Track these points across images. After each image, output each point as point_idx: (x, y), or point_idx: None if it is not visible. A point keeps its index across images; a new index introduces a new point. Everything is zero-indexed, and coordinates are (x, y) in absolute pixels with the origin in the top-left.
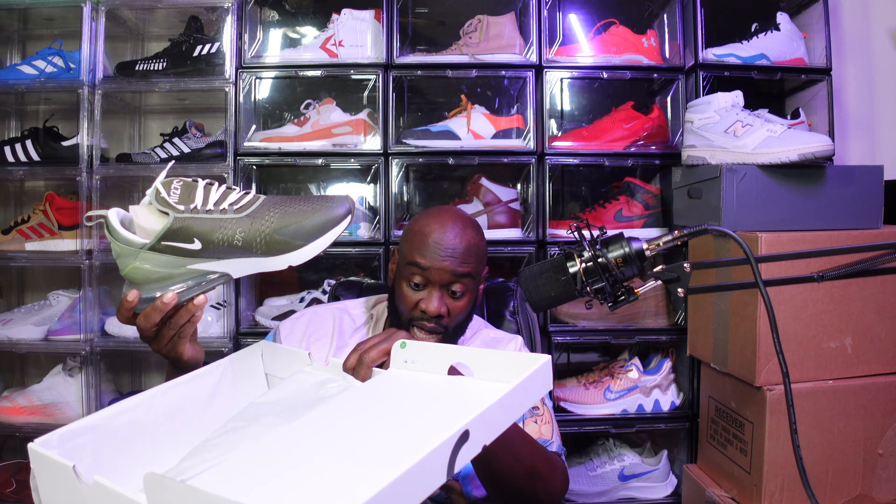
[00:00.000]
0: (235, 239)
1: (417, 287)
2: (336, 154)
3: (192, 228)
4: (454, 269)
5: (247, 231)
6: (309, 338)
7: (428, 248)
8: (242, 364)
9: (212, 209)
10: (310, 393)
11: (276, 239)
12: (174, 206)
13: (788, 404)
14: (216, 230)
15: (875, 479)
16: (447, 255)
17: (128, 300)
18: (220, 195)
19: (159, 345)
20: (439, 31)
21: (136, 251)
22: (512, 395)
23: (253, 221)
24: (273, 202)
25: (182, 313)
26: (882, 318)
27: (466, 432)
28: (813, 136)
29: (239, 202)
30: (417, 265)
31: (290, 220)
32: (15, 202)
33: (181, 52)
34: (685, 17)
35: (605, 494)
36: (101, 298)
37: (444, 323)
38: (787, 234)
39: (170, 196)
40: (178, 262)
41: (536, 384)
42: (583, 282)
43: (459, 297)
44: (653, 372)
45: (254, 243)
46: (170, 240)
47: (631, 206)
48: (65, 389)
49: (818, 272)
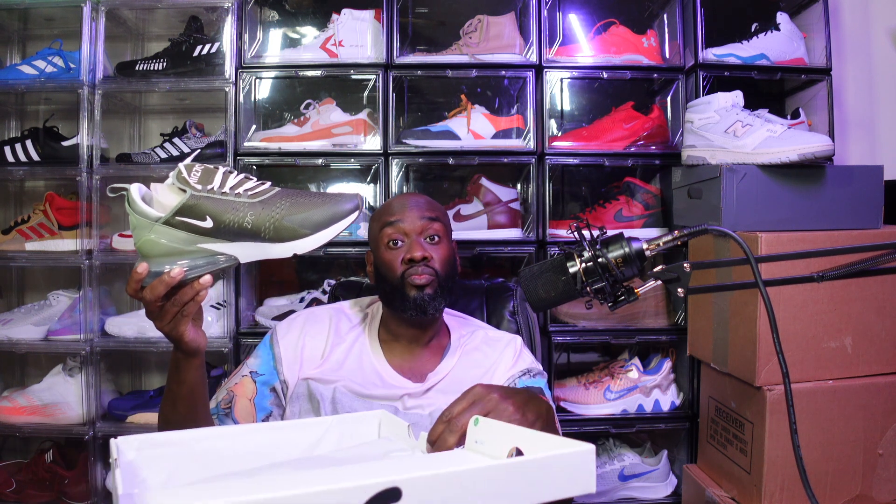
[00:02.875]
0: (245, 221)
1: (396, 245)
2: (336, 154)
3: (205, 206)
4: (423, 214)
5: (257, 215)
6: (305, 337)
7: (393, 207)
8: (354, 426)
9: (227, 192)
10: (371, 452)
11: (285, 226)
12: (192, 185)
13: (788, 404)
14: (228, 211)
15: (875, 479)
16: (412, 205)
17: (137, 272)
18: (237, 181)
19: (162, 322)
20: (439, 31)
21: (151, 224)
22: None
23: (264, 207)
24: (286, 193)
25: (187, 290)
26: (882, 318)
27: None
28: (813, 136)
29: (254, 189)
30: (389, 223)
31: (300, 210)
32: (15, 202)
33: (181, 52)
34: (685, 17)
35: (605, 494)
36: (101, 298)
37: (431, 265)
38: (787, 234)
39: (190, 177)
40: (189, 240)
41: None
42: (583, 282)
43: (437, 243)
44: (653, 372)
45: (262, 228)
46: (184, 215)
47: (631, 206)
48: (65, 389)
49: (818, 272)
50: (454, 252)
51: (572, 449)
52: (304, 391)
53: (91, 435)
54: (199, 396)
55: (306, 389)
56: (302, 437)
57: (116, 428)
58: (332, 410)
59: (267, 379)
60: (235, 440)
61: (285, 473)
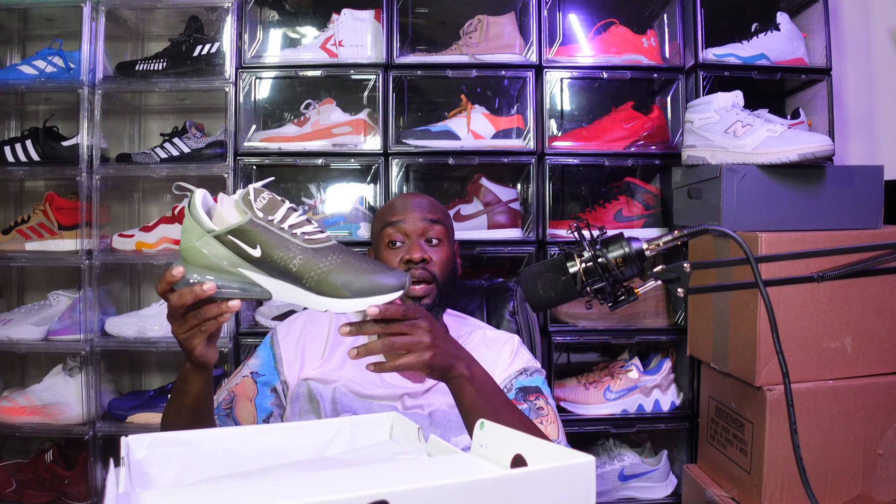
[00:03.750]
0: (293, 263)
1: (396, 245)
2: (336, 154)
3: (260, 235)
4: (424, 216)
5: (306, 261)
6: (305, 338)
7: (395, 207)
8: (366, 428)
9: (285, 228)
10: (379, 455)
11: (328, 281)
12: (255, 211)
13: (788, 404)
14: (280, 247)
15: (875, 479)
16: (415, 206)
17: (172, 273)
18: (297, 221)
19: (179, 329)
20: (439, 31)
21: (203, 233)
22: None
23: (315, 255)
24: (340, 249)
25: (212, 307)
26: (882, 318)
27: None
28: (813, 136)
29: (311, 234)
30: (391, 223)
31: (347, 270)
32: (15, 202)
33: (181, 52)
34: (685, 17)
35: (605, 494)
36: (101, 298)
37: (430, 269)
38: (787, 234)
39: (256, 201)
40: (233, 261)
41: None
42: (583, 282)
43: (437, 246)
44: (653, 372)
45: (307, 275)
46: (237, 237)
47: (631, 206)
48: (65, 389)
49: (818, 272)
50: (455, 255)
51: (571, 461)
52: (304, 391)
53: (91, 435)
54: (203, 406)
55: (307, 390)
56: (313, 438)
57: (116, 428)
58: (332, 410)
59: (268, 379)
60: (246, 440)
61: (289, 475)
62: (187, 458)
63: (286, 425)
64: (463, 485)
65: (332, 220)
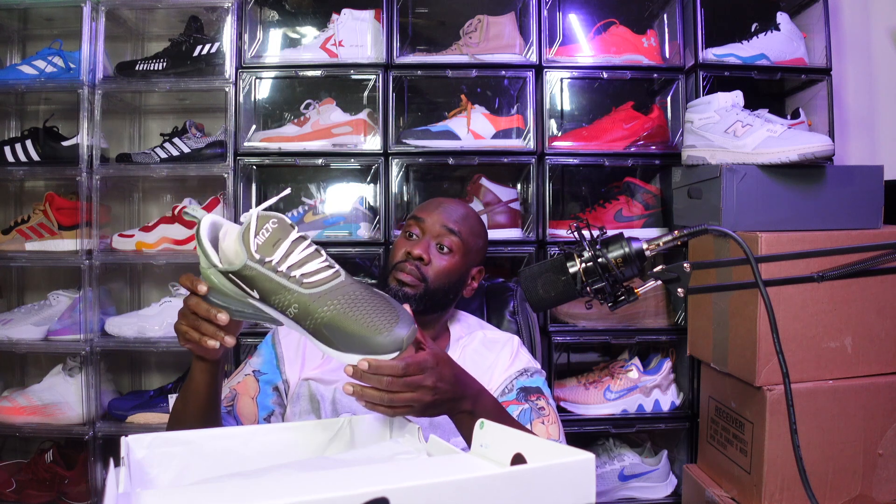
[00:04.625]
0: (289, 311)
1: (411, 237)
2: (336, 154)
3: (256, 281)
4: (446, 223)
5: (302, 309)
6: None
7: (428, 204)
8: (365, 428)
9: (283, 271)
10: (380, 454)
11: (322, 331)
12: (251, 253)
13: (788, 404)
14: (277, 293)
15: (875, 480)
16: (442, 210)
17: (199, 289)
18: (300, 258)
19: (181, 324)
20: (439, 31)
21: (210, 265)
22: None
23: (311, 303)
24: (341, 293)
25: (210, 327)
26: (882, 318)
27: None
28: (813, 136)
29: (312, 276)
30: (415, 217)
31: (342, 323)
32: (15, 202)
33: (181, 52)
34: (685, 17)
35: (605, 494)
36: (101, 298)
37: (423, 270)
38: (787, 234)
39: (256, 237)
40: (239, 294)
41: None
42: (583, 282)
43: (445, 254)
44: (653, 372)
45: (304, 322)
46: (236, 277)
47: (631, 206)
48: (65, 389)
49: (818, 272)
50: (464, 273)
51: (571, 458)
52: (305, 391)
53: (91, 435)
54: (206, 399)
55: (307, 390)
56: (313, 438)
57: (116, 428)
58: (332, 411)
59: (270, 378)
60: (246, 440)
61: (289, 475)
62: (187, 458)
63: (286, 425)
64: (463, 482)
65: (331, 220)
